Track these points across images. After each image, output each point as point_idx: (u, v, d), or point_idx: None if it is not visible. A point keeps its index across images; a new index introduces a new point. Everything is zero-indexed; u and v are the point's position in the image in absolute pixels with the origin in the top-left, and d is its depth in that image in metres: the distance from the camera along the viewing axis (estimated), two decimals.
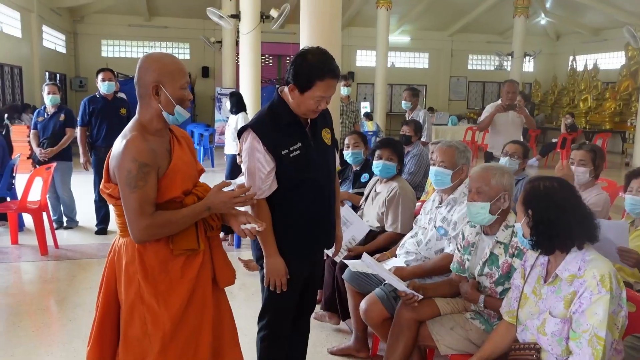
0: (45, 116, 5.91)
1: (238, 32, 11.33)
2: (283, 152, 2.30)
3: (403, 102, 7.03)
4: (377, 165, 3.63)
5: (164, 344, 1.97)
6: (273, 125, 2.33)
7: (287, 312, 2.53)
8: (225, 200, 2.01)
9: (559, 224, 1.95)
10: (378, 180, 3.79)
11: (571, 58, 19.41)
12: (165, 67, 1.99)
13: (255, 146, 2.30)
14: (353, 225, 3.59)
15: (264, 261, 2.38)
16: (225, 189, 2.11)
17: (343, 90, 7.06)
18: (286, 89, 2.34)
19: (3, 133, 6.08)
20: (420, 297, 2.60)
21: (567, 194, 2.01)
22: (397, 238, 3.44)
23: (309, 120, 2.40)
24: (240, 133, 2.39)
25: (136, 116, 2.04)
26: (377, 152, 3.67)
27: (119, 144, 1.95)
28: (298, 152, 2.32)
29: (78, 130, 5.90)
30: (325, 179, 2.47)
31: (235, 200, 2.03)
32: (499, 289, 2.51)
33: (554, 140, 13.99)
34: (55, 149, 5.84)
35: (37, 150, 5.86)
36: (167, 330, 1.98)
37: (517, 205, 2.10)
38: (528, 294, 2.13)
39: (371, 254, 3.33)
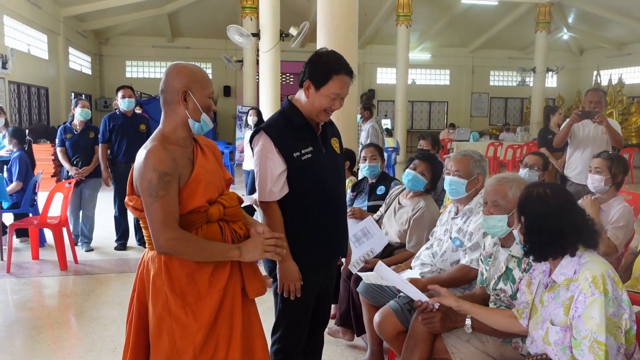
0: (74, 133, 5.91)
1: (258, 50, 11.46)
2: (295, 155, 2.29)
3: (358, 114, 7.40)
4: (407, 174, 3.52)
5: (194, 356, 1.94)
6: (285, 129, 2.33)
7: (301, 325, 2.48)
8: (257, 243, 1.98)
9: (550, 231, 1.91)
10: (403, 191, 3.71)
11: (595, 73, 19.16)
12: (194, 74, 2.00)
13: (267, 148, 2.30)
14: (373, 238, 3.53)
15: (277, 266, 2.35)
16: (243, 205, 2.09)
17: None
18: (297, 95, 2.36)
19: (25, 149, 6.16)
20: (437, 306, 2.52)
21: (561, 201, 1.96)
22: None
23: (320, 127, 2.40)
24: (252, 137, 2.39)
25: (159, 126, 2.03)
26: (415, 162, 3.56)
27: (140, 155, 1.94)
28: (310, 155, 2.32)
29: (100, 146, 5.96)
30: (336, 186, 2.45)
31: (268, 243, 2.00)
32: (516, 302, 2.43)
33: None
34: (90, 167, 5.89)
35: (72, 170, 5.80)
36: (198, 342, 1.94)
37: (515, 212, 2.08)
38: (536, 303, 2.07)
39: None
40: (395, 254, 3.47)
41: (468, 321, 2.41)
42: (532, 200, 1.99)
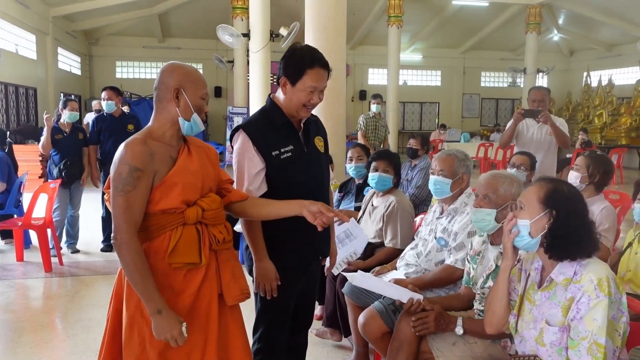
0: (64, 134, 5.76)
1: (249, 51, 11.42)
2: (274, 154, 2.27)
3: None
4: (372, 177, 3.56)
5: None
6: (265, 127, 2.31)
7: (281, 325, 2.45)
8: (171, 325, 1.83)
9: (578, 231, 1.85)
10: (375, 193, 3.72)
11: (585, 74, 19.29)
12: (189, 74, 1.99)
13: (245, 146, 2.27)
14: (356, 240, 3.52)
15: (254, 265, 2.32)
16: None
17: (374, 107, 7.47)
18: (278, 92, 2.33)
19: (6, 150, 6.07)
20: (421, 296, 2.49)
21: (584, 203, 1.92)
22: (396, 253, 3.34)
23: (302, 125, 2.37)
24: (232, 135, 2.36)
25: (149, 122, 2.01)
26: (373, 164, 3.60)
27: (119, 147, 1.91)
28: (290, 154, 2.29)
29: (89, 148, 5.90)
30: (318, 186, 2.41)
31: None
32: None
33: (568, 155, 13.81)
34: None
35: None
36: (163, 346, 1.89)
37: (530, 202, 1.93)
38: (524, 301, 2.03)
39: (371, 268, 3.26)
40: (376, 253, 3.45)
41: (459, 320, 2.38)
42: (565, 195, 1.90)
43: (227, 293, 2.02)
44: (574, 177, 3.46)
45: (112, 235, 1.86)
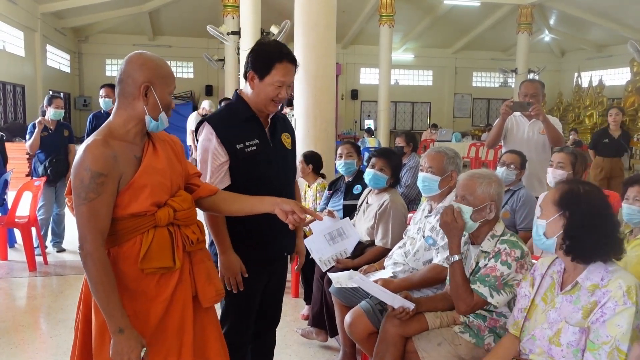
0: (49, 131, 5.65)
1: (239, 49, 11.35)
2: (238, 147, 2.23)
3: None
4: (368, 173, 3.51)
5: None
6: (230, 120, 2.28)
7: (247, 320, 2.41)
8: (129, 346, 1.72)
9: (596, 231, 1.82)
10: (371, 191, 3.67)
11: (576, 74, 19.37)
12: (159, 68, 1.83)
13: (209, 138, 2.24)
14: (349, 239, 3.49)
15: (218, 259, 2.26)
16: None
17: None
18: (245, 87, 2.30)
19: None
20: (413, 305, 2.46)
21: (605, 202, 1.87)
22: (386, 253, 3.28)
23: (269, 120, 2.35)
24: (197, 128, 2.33)
25: (109, 118, 1.85)
26: (372, 160, 3.55)
27: (79, 150, 1.75)
28: (254, 148, 2.26)
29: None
30: (283, 182, 2.38)
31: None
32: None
33: None
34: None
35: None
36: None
37: (547, 204, 1.93)
38: (537, 302, 2.00)
39: (360, 267, 3.21)
40: (366, 252, 3.41)
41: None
42: (580, 196, 1.86)
43: (203, 295, 1.94)
44: (559, 176, 3.40)
45: (79, 249, 1.74)
